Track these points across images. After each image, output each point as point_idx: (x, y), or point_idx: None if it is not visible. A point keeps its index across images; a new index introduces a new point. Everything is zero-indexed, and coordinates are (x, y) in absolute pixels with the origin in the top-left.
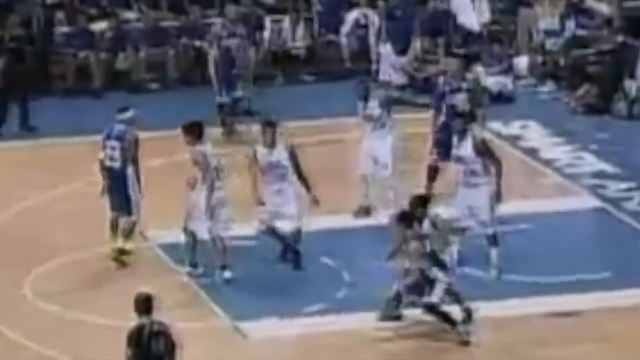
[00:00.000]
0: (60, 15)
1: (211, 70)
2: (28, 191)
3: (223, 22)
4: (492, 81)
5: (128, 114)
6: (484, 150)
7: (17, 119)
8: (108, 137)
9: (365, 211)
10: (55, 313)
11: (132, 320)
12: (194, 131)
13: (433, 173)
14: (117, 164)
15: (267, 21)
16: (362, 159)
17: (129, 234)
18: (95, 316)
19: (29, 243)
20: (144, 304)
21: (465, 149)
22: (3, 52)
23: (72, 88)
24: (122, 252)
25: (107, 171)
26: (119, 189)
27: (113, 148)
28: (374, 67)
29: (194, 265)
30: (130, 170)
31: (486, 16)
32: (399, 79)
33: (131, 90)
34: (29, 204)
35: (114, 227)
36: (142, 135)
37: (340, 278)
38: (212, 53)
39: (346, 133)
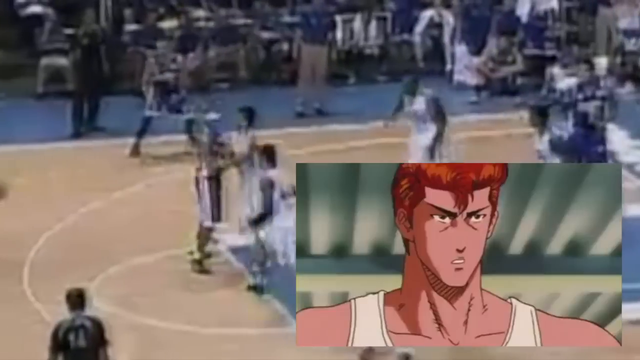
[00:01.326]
0: (128, 12)
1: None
2: (93, 194)
3: (157, 58)
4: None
5: (210, 116)
6: (559, 147)
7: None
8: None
9: None
10: (120, 318)
11: (204, 326)
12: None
13: None
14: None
15: (339, 20)
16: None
17: (199, 239)
18: (161, 321)
19: (93, 247)
20: (78, 299)
21: (543, 143)
22: (76, 48)
23: (140, 87)
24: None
25: None
26: (202, 192)
27: None
28: (448, 67)
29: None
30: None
31: (553, 3)
32: (473, 79)
33: (200, 90)
34: (94, 206)
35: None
36: None
37: None
38: (150, 92)
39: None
